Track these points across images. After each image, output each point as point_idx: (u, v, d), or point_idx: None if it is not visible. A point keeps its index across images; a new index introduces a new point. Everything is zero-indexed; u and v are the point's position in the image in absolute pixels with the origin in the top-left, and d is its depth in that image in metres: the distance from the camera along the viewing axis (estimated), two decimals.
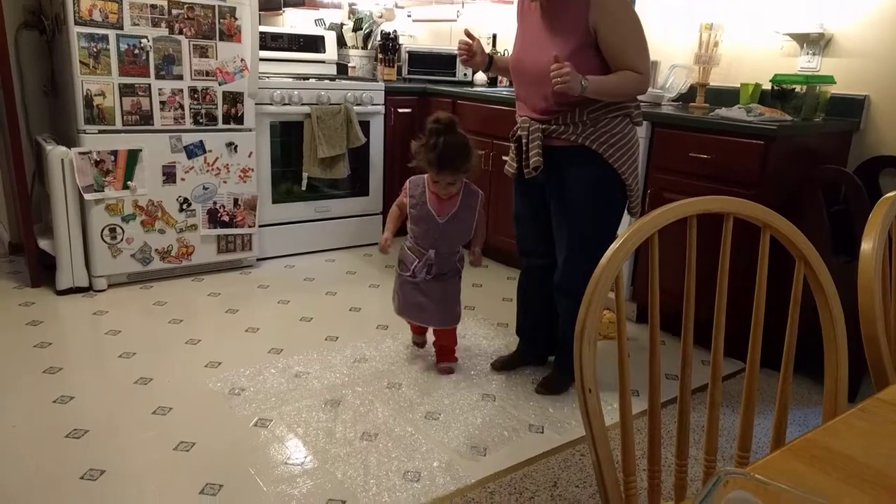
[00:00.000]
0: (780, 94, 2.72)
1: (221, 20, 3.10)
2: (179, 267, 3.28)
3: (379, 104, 3.82)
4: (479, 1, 4.18)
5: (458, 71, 4.25)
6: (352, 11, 4.42)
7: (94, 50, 2.83)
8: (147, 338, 2.65)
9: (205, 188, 3.24)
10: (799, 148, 2.57)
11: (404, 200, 2.40)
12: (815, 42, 2.81)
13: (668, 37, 3.31)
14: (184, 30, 3.01)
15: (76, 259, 2.99)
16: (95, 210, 2.98)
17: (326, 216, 3.83)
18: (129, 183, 3.03)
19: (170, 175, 3.13)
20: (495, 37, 4.20)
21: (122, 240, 3.07)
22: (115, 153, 2.97)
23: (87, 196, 2.94)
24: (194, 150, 3.17)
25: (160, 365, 2.43)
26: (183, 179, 3.17)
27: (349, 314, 3.01)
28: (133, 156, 3.02)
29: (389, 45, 4.15)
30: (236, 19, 3.13)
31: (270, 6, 4.12)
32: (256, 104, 3.33)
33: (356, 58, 4.26)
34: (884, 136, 2.69)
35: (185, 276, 3.32)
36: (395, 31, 4.24)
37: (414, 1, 4.44)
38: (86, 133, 2.90)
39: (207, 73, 3.12)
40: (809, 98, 2.66)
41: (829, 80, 2.70)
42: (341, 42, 4.34)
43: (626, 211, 2.26)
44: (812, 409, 2.36)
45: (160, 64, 2.99)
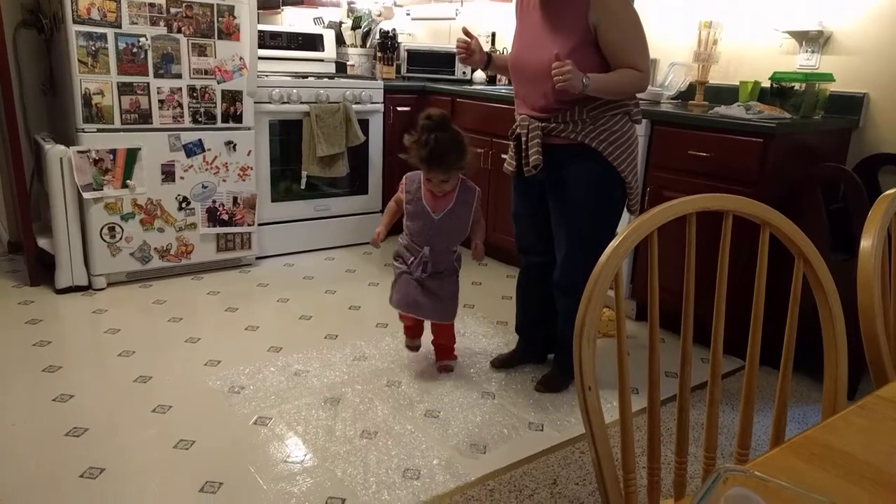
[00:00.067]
0: (779, 91, 2.72)
1: (220, 19, 3.09)
2: (179, 265, 3.28)
3: (378, 102, 3.82)
4: None
5: (457, 69, 4.25)
6: (351, 10, 4.41)
7: (93, 48, 2.83)
8: (146, 336, 2.65)
9: (204, 187, 3.24)
10: (798, 146, 2.57)
11: (401, 196, 2.37)
12: (814, 40, 2.81)
13: (668, 34, 3.30)
14: (182, 28, 3.01)
15: (75, 258, 2.99)
16: (94, 209, 2.98)
17: (326, 214, 3.83)
18: (128, 182, 3.03)
19: (169, 174, 3.13)
20: (494, 35, 4.20)
21: (121, 238, 3.07)
22: (113, 152, 2.97)
23: (86, 195, 2.94)
24: (193, 149, 3.17)
25: (160, 363, 2.43)
26: (182, 178, 3.17)
27: (349, 312, 3.01)
28: (132, 154, 3.02)
29: (388, 43, 4.14)
30: (235, 18, 3.13)
31: (269, 5, 4.12)
32: (255, 103, 3.33)
33: (355, 56, 4.26)
34: (883, 134, 2.70)
35: (185, 274, 3.32)
36: (394, 30, 4.24)
37: None
38: (84, 132, 2.90)
39: (206, 72, 3.12)
40: (808, 96, 2.66)
41: (829, 77, 2.70)
42: (340, 40, 4.33)
43: (626, 209, 2.26)
44: (811, 406, 2.36)
45: (159, 62, 2.98)
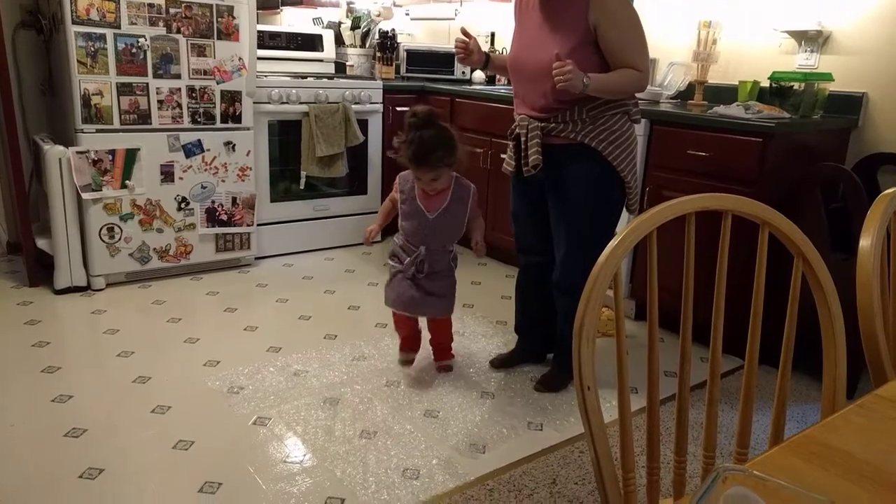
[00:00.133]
0: (778, 91, 2.72)
1: (219, 19, 3.09)
2: (178, 266, 3.28)
3: (377, 103, 3.82)
4: None
5: (457, 69, 4.25)
6: (350, 10, 4.41)
7: (92, 49, 2.82)
8: (145, 337, 2.64)
9: (203, 187, 3.24)
10: (797, 145, 2.57)
11: (395, 196, 2.34)
12: (813, 39, 2.82)
13: (667, 34, 3.30)
14: (181, 29, 3.00)
15: (74, 258, 2.98)
16: (93, 209, 2.98)
17: (325, 215, 3.83)
18: (127, 182, 3.03)
19: (168, 174, 3.13)
20: (493, 35, 4.20)
21: (120, 239, 3.07)
22: (112, 152, 2.97)
23: (85, 195, 2.94)
24: (192, 149, 3.17)
25: (159, 364, 2.43)
26: (181, 178, 3.17)
27: (348, 312, 3.01)
28: (131, 155, 3.01)
29: (387, 43, 4.14)
30: (234, 18, 3.13)
31: (268, 5, 4.12)
32: (254, 103, 3.33)
33: (354, 56, 4.26)
34: (882, 134, 2.70)
35: (184, 275, 3.31)
36: (394, 30, 4.24)
37: None
38: (83, 132, 2.89)
39: (205, 72, 3.11)
40: (808, 95, 2.66)
41: (828, 77, 2.70)
42: (339, 41, 4.33)
43: (625, 208, 2.26)
44: (811, 405, 2.36)
45: (158, 63, 2.98)
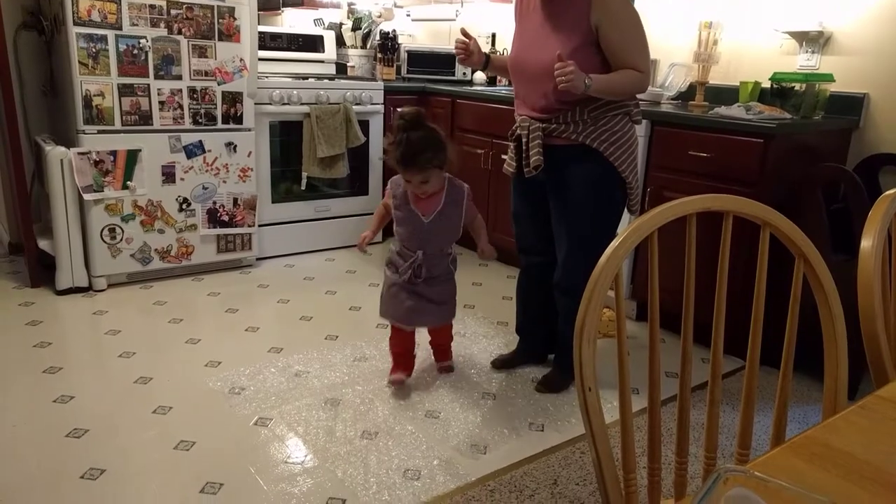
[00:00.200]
0: (779, 92, 2.72)
1: (220, 20, 3.10)
2: (179, 267, 3.28)
3: (378, 103, 3.82)
4: (477, 0, 4.18)
5: (458, 70, 4.25)
6: (351, 11, 4.41)
7: (93, 50, 2.83)
8: (147, 337, 2.65)
9: (204, 188, 3.24)
10: (798, 146, 2.57)
11: (388, 201, 2.28)
12: (814, 40, 2.81)
13: (668, 35, 3.30)
14: (183, 30, 3.01)
15: (76, 259, 2.99)
16: (95, 210, 2.98)
17: (326, 215, 3.83)
18: (129, 183, 3.03)
19: (169, 175, 3.13)
20: (494, 36, 4.20)
21: (121, 240, 3.07)
22: (114, 153, 2.97)
23: (87, 196, 2.94)
24: (193, 150, 3.17)
25: (160, 364, 2.43)
26: (182, 179, 3.17)
27: (349, 313, 3.01)
28: (132, 156, 3.02)
29: (388, 44, 4.14)
30: (235, 19, 3.13)
31: (269, 6, 4.12)
32: (255, 104, 3.33)
33: (355, 57, 4.26)
34: (883, 134, 2.70)
35: (185, 275, 3.32)
36: (395, 31, 4.24)
37: (413, 0, 4.43)
38: (85, 133, 2.90)
39: (206, 73, 3.12)
40: (809, 96, 2.66)
41: (829, 78, 2.70)
42: (340, 41, 4.33)
43: (626, 209, 2.26)
44: (812, 406, 2.36)
45: (159, 64, 2.99)
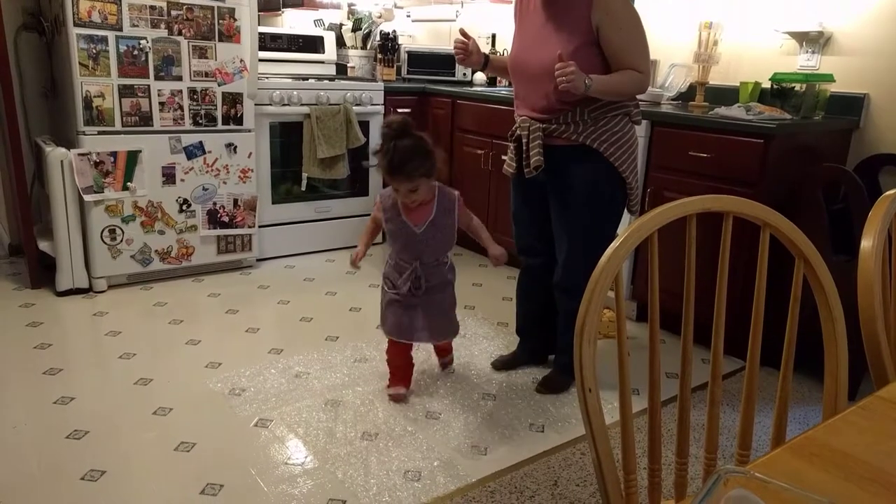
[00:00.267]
0: (779, 92, 2.72)
1: (220, 21, 3.10)
2: (179, 268, 3.28)
3: (378, 104, 3.82)
4: (478, 1, 4.18)
5: (458, 71, 4.25)
6: (351, 12, 4.42)
7: (94, 51, 2.83)
8: (147, 339, 2.65)
9: (204, 189, 3.24)
10: (798, 146, 2.57)
11: (378, 215, 2.23)
12: (814, 40, 2.81)
13: (668, 35, 3.30)
14: (183, 31, 3.01)
15: (76, 260, 2.99)
16: (95, 211, 2.98)
17: (326, 216, 3.83)
18: (129, 184, 3.03)
19: (169, 176, 3.13)
20: (494, 36, 4.20)
21: (121, 241, 3.07)
22: (114, 154, 2.97)
23: (87, 197, 2.94)
24: (194, 151, 3.17)
25: (160, 366, 2.43)
26: (182, 180, 3.17)
27: (349, 314, 3.01)
28: (132, 157, 3.02)
29: (388, 45, 4.15)
30: (235, 20, 3.13)
31: (269, 7, 4.13)
32: (256, 105, 3.33)
33: (355, 58, 4.26)
34: (883, 135, 2.69)
35: (185, 276, 3.32)
36: (395, 31, 4.24)
37: (413, 1, 4.44)
38: (85, 134, 2.90)
39: (207, 74, 3.12)
40: (809, 96, 2.66)
41: (829, 78, 2.70)
42: (340, 42, 4.34)
43: (626, 210, 2.26)
44: (812, 407, 2.36)
45: (159, 65, 2.99)
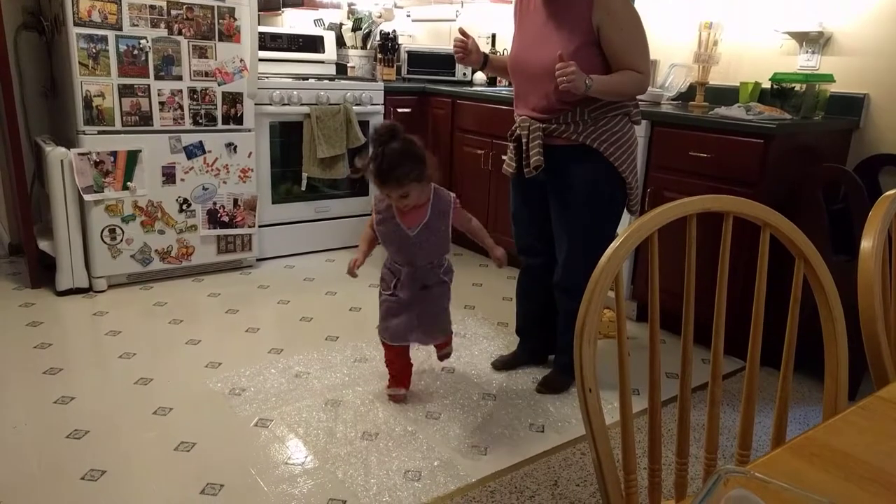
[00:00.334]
0: (779, 92, 2.72)
1: (220, 20, 3.10)
2: (179, 267, 3.28)
3: (378, 104, 3.82)
4: (478, 0, 4.18)
5: (458, 71, 4.25)
6: (351, 11, 4.41)
7: (94, 51, 2.83)
8: (147, 338, 2.65)
9: (204, 189, 3.24)
10: (798, 146, 2.57)
11: (372, 218, 2.19)
12: (814, 40, 2.81)
13: (668, 35, 3.30)
14: (183, 30, 3.01)
15: (76, 260, 2.99)
16: (95, 211, 2.98)
17: (326, 216, 3.83)
18: (129, 184, 3.03)
19: (169, 176, 3.13)
20: (494, 36, 4.20)
21: (121, 240, 3.07)
22: (114, 154, 2.97)
23: (87, 197, 2.94)
24: (194, 151, 3.17)
25: (160, 365, 2.43)
26: (182, 180, 3.17)
27: (349, 314, 3.01)
28: (132, 156, 3.02)
29: (389, 44, 4.15)
30: (235, 20, 3.13)
31: (269, 6, 4.12)
32: (256, 104, 3.33)
33: (355, 58, 4.26)
34: (883, 135, 2.69)
35: (185, 276, 3.32)
36: (395, 31, 4.24)
37: (413, 1, 4.44)
38: (85, 134, 2.90)
39: (207, 74, 3.12)
40: (809, 96, 2.66)
41: (829, 78, 2.70)
42: (340, 42, 4.33)
43: (626, 210, 2.26)
44: (812, 407, 2.36)
45: (159, 64, 2.99)
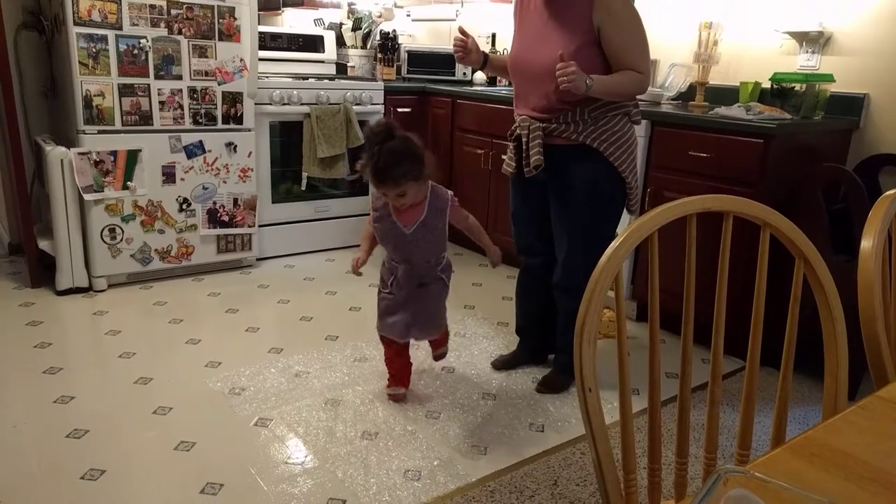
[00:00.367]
0: (779, 92, 2.72)
1: (220, 20, 3.10)
2: (179, 267, 3.28)
3: (378, 104, 3.82)
4: (478, 0, 4.18)
5: (458, 70, 4.25)
6: (351, 11, 4.41)
7: (94, 50, 2.83)
8: (147, 338, 2.65)
9: (204, 188, 3.24)
10: (798, 146, 2.57)
11: (370, 216, 2.20)
12: (814, 40, 2.81)
13: (668, 35, 3.30)
14: (183, 30, 3.01)
15: (76, 259, 2.99)
16: (95, 210, 2.98)
17: (326, 216, 3.83)
18: (129, 183, 3.03)
19: (169, 175, 3.13)
20: (494, 36, 4.20)
21: (121, 240, 3.07)
22: (114, 153, 2.97)
23: (87, 196, 2.94)
24: (194, 150, 3.17)
25: (160, 365, 2.43)
26: (182, 179, 3.17)
27: (349, 313, 3.01)
28: (132, 156, 3.02)
29: (389, 44, 4.14)
30: (235, 19, 3.13)
31: (269, 6, 4.12)
32: (256, 104, 3.33)
33: (355, 57, 4.26)
34: (883, 135, 2.69)
35: (185, 276, 3.32)
36: (395, 31, 4.24)
37: (413, 0, 4.44)
38: (85, 133, 2.90)
39: (207, 73, 3.12)
40: (809, 96, 2.66)
41: (829, 78, 2.70)
42: (340, 42, 4.33)
43: (626, 209, 2.26)
44: (812, 406, 2.36)
45: (159, 64, 2.99)
